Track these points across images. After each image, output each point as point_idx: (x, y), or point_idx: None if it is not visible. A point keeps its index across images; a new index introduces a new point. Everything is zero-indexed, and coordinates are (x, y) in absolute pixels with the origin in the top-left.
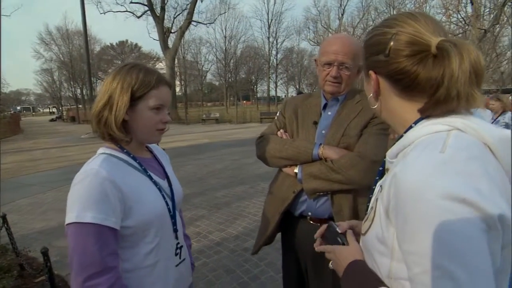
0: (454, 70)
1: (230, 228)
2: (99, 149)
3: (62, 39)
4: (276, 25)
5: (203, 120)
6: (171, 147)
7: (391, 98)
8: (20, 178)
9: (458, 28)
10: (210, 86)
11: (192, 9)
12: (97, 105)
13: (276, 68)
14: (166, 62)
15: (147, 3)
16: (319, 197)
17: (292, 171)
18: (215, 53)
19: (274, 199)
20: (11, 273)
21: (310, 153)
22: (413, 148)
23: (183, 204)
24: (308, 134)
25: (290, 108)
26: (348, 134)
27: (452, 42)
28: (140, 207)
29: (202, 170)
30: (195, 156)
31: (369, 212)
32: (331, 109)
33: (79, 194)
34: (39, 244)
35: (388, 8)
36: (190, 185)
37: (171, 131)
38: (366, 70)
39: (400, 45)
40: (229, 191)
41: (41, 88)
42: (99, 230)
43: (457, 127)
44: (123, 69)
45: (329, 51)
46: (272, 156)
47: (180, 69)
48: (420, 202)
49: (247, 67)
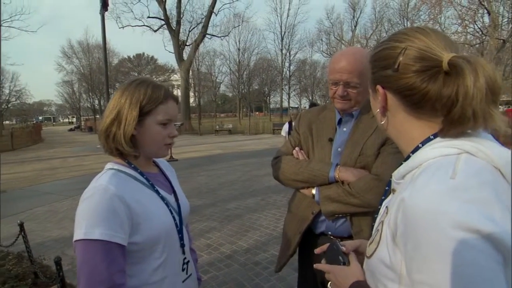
0: (469, 88)
1: (241, 240)
2: (107, 164)
3: (83, 52)
4: (289, 38)
5: (216, 131)
6: (184, 157)
7: (398, 114)
8: (38, 186)
9: (475, 39)
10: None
11: (207, 22)
12: (105, 120)
13: (289, 79)
14: (181, 74)
15: (164, 18)
16: (338, 218)
17: (310, 192)
18: (228, 65)
19: (294, 219)
20: (26, 281)
21: (326, 176)
22: (421, 172)
23: (194, 216)
24: (324, 152)
25: (304, 123)
26: (365, 153)
27: (465, 58)
28: (148, 223)
29: (214, 181)
30: (208, 167)
31: (374, 235)
32: (347, 124)
33: (88, 211)
34: (54, 253)
35: (401, 20)
36: (201, 196)
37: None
38: (372, 85)
39: (409, 60)
40: (240, 203)
41: (62, 99)
42: (107, 247)
43: (466, 150)
44: (131, 84)
45: (335, 69)
46: (288, 179)
47: (194, 81)
48: (432, 232)
49: (260, 78)
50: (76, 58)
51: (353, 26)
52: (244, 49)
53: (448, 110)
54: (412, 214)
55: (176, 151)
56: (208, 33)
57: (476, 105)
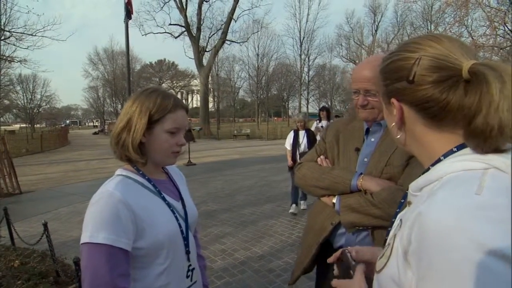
0: (494, 96)
1: (256, 247)
2: (117, 170)
3: (107, 59)
4: (308, 43)
5: (234, 135)
6: (202, 162)
7: (417, 127)
8: (63, 187)
9: (506, 41)
10: (242, 102)
11: (226, 29)
12: (117, 127)
13: (307, 85)
14: (200, 79)
15: (185, 25)
16: (358, 231)
17: (330, 201)
18: (247, 70)
19: (312, 229)
20: (48, 279)
21: (348, 184)
22: (441, 186)
23: (210, 220)
24: (349, 161)
25: (331, 132)
26: (392, 163)
27: (488, 64)
28: (153, 229)
29: (231, 186)
30: (225, 172)
31: (385, 249)
32: (375, 135)
33: (94, 215)
34: (74, 252)
35: (425, 23)
36: (217, 201)
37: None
38: (386, 98)
39: (425, 71)
40: (256, 208)
41: (87, 103)
42: (111, 251)
43: (495, 165)
44: (143, 93)
45: (355, 78)
46: (309, 185)
47: (214, 86)
48: (450, 252)
49: (278, 84)
50: (102, 65)
51: (374, 30)
52: (263, 55)
53: (469, 121)
54: (429, 229)
55: (194, 156)
56: (227, 39)
57: (503, 114)
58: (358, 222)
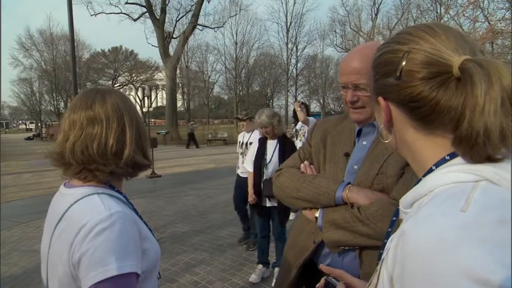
0: (479, 98)
1: (236, 277)
2: (80, 189)
3: (45, 44)
4: (296, 29)
5: (208, 140)
6: (169, 173)
7: (406, 130)
8: None
9: None
10: (218, 100)
11: (198, 11)
12: (103, 129)
13: (296, 79)
14: (166, 72)
15: (145, 4)
16: (345, 251)
17: (313, 215)
18: (223, 61)
19: (293, 248)
20: None
21: (333, 196)
22: (428, 201)
23: (179, 245)
24: (337, 169)
25: (318, 134)
26: (385, 172)
27: (477, 61)
28: (152, 247)
29: (205, 202)
30: (197, 185)
31: (373, 276)
32: (367, 137)
33: (113, 242)
34: None
35: (434, 5)
36: (188, 221)
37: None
38: (375, 95)
39: (414, 66)
40: (236, 229)
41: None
42: (136, 279)
43: (486, 177)
44: None
45: (343, 70)
46: (288, 196)
47: (183, 80)
48: (433, 277)
49: (261, 78)
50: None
51: (374, 14)
52: (242, 43)
53: (455, 125)
54: (411, 252)
55: (159, 165)
56: (199, 24)
57: (489, 118)
58: (343, 241)
